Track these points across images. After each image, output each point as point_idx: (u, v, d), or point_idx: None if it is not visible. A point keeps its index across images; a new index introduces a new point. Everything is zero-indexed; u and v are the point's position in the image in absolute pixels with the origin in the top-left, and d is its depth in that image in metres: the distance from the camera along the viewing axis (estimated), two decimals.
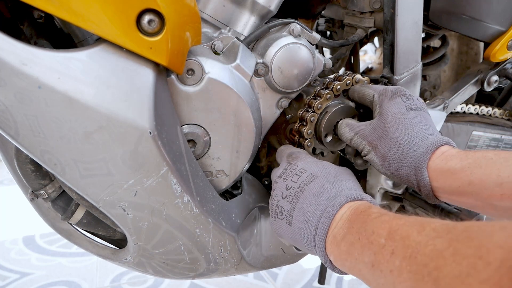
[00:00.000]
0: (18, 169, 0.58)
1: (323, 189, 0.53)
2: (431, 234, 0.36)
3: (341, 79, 0.65)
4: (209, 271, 0.63)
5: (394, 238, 0.39)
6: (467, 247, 0.32)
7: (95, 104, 0.45)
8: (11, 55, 0.42)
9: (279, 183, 0.57)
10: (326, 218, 0.49)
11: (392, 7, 0.65)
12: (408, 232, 0.38)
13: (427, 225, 0.38)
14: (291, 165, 0.58)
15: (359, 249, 0.43)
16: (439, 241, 0.34)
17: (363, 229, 0.44)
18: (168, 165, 0.51)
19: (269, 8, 0.62)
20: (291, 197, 0.54)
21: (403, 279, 0.36)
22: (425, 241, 0.36)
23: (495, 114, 0.89)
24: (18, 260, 1.58)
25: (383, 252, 0.39)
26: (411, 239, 0.37)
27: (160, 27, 0.45)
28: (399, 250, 0.38)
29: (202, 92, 0.54)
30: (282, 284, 1.43)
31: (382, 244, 0.40)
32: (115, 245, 0.67)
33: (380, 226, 0.42)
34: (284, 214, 0.55)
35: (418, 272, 0.34)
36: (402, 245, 0.38)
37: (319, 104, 0.64)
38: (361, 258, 0.42)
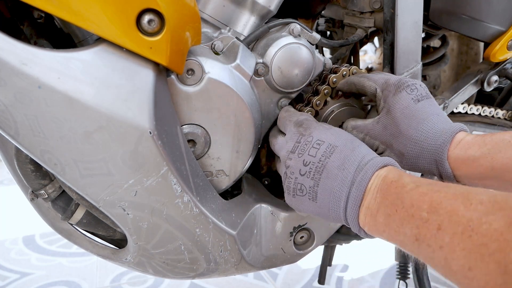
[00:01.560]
0: (18, 169, 0.58)
1: (346, 159, 0.50)
2: (480, 209, 0.35)
3: (337, 71, 0.65)
4: (209, 271, 0.63)
5: (439, 212, 0.38)
6: None
7: (95, 104, 0.45)
8: (11, 55, 0.42)
9: (294, 159, 0.53)
10: (357, 190, 0.48)
11: (392, 7, 0.65)
12: (453, 206, 0.37)
13: (473, 198, 0.37)
14: (305, 136, 0.54)
15: (398, 222, 0.42)
16: (493, 218, 0.33)
17: (399, 201, 0.42)
18: (168, 165, 0.51)
19: (269, 8, 0.62)
20: (312, 173, 0.51)
21: (456, 256, 0.35)
22: (476, 217, 0.35)
23: (497, 115, 0.89)
24: (18, 260, 1.58)
25: (428, 226, 0.38)
26: (460, 214, 0.36)
27: (160, 27, 0.45)
28: (446, 225, 0.36)
29: (202, 92, 0.54)
30: (282, 284, 1.43)
31: (425, 218, 0.39)
32: (115, 245, 0.67)
33: (419, 199, 0.41)
34: (306, 191, 0.52)
35: (476, 251, 0.33)
36: (449, 220, 0.36)
37: (318, 101, 0.64)
38: (402, 230, 0.41)
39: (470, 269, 0.33)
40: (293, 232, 0.68)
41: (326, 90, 0.64)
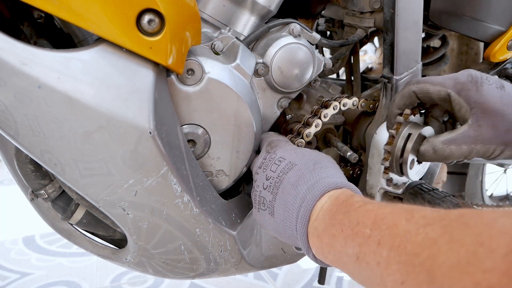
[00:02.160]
0: (18, 169, 0.58)
1: (302, 177, 0.50)
2: (421, 222, 0.34)
3: (328, 105, 0.65)
4: (209, 271, 0.63)
5: (380, 228, 0.37)
6: (465, 234, 0.29)
7: (95, 104, 0.45)
8: (11, 55, 0.42)
9: (260, 173, 0.55)
10: (305, 209, 0.47)
11: (392, 7, 0.65)
12: (396, 221, 0.36)
13: (416, 213, 0.35)
14: (270, 154, 0.56)
15: (342, 241, 0.40)
16: (431, 228, 0.32)
17: (346, 220, 0.41)
18: (168, 165, 0.51)
19: (269, 8, 0.62)
20: (271, 187, 0.52)
21: (391, 271, 0.33)
22: (415, 229, 0.33)
23: None
24: (18, 260, 1.58)
25: (368, 243, 0.37)
26: (400, 227, 0.35)
27: (160, 27, 0.45)
28: (385, 240, 0.35)
29: (202, 92, 0.54)
30: (282, 284, 1.43)
31: (368, 234, 0.37)
32: (115, 245, 0.67)
33: (364, 216, 0.40)
34: (267, 205, 0.53)
35: (409, 263, 0.32)
36: (389, 234, 0.35)
37: (308, 132, 0.64)
38: (345, 250, 0.40)
39: (403, 283, 0.32)
40: None
41: (316, 122, 0.64)
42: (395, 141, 0.61)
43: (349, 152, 0.68)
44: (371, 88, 0.84)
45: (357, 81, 0.84)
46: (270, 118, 0.65)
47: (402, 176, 0.63)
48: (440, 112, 0.63)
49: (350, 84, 0.86)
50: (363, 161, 0.75)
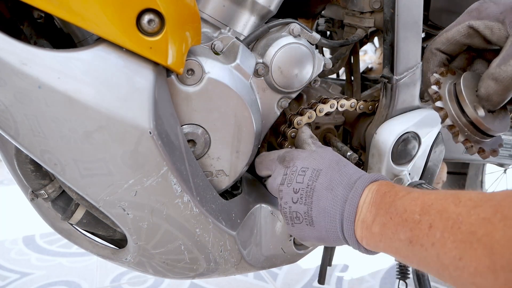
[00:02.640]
0: (18, 169, 0.58)
1: (333, 180, 0.51)
2: (469, 204, 0.36)
3: (326, 102, 0.66)
4: (209, 271, 0.63)
5: (430, 213, 0.39)
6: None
7: (95, 104, 0.45)
8: (11, 55, 0.42)
9: (284, 190, 0.55)
10: (350, 207, 0.49)
11: (392, 7, 0.65)
12: (444, 206, 0.39)
13: (462, 197, 0.38)
14: (290, 168, 0.56)
15: (393, 228, 0.43)
16: (482, 209, 0.35)
17: (393, 209, 0.44)
18: (168, 165, 0.51)
19: (269, 8, 0.62)
20: (303, 198, 0.52)
21: (447, 249, 0.36)
22: (465, 211, 0.36)
23: None
24: (18, 260, 1.58)
25: (420, 227, 0.40)
26: (450, 211, 0.37)
27: (160, 27, 0.45)
28: (437, 223, 0.38)
29: (202, 92, 0.54)
30: (282, 284, 1.43)
31: (418, 219, 0.40)
32: (115, 245, 0.67)
33: (411, 203, 0.42)
34: (302, 217, 0.53)
35: (465, 241, 0.35)
36: (440, 217, 0.38)
37: (299, 120, 0.65)
38: (397, 236, 0.42)
39: (461, 259, 0.35)
40: None
41: (309, 113, 0.65)
42: (446, 109, 0.55)
43: (349, 152, 0.69)
44: (371, 88, 0.84)
45: (357, 81, 0.84)
46: (270, 118, 0.65)
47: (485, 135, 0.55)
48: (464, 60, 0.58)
49: (350, 84, 0.86)
50: (363, 161, 0.75)
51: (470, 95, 0.54)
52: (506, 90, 0.49)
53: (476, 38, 0.53)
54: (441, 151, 0.77)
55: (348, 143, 0.79)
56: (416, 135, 0.71)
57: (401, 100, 0.70)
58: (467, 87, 0.54)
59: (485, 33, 0.51)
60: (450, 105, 0.55)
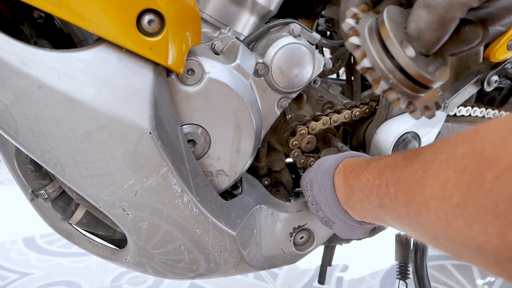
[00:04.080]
0: (18, 169, 0.58)
1: (317, 181, 0.58)
2: (413, 153, 0.39)
3: (318, 119, 0.69)
4: (209, 271, 0.63)
5: (384, 174, 0.43)
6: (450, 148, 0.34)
7: (95, 104, 0.45)
8: (11, 55, 0.42)
9: (309, 206, 0.63)
10: (331, 198, 0.55)
11: None
12: (395, 162, 0.42)
13: (410, 150, 0.41)
14: (303, 186, 0.64)
15: (367, 200, 0.47)
16: (422, 156, 0.37)
17: (360, 184, 0.48)
18: (168, 165, 0.51)
19: (269, 8, 0.62)
20: (316, 207, 0.60)
21: (399, 201, 0.39)
22: (410, 161, 0.39)
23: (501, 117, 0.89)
24: (18, 260, 1.58)
25: (381, 190, 0.43)
26: (399, 166, 0.40)
27: (160, 27, 0.45)
28: (390, 179, 0.41)
29: (202, 92, 0.54)
30: (282, 284, 1.43)
31: (378, 184, 0.43)
32: (115, 245, 0.67)
33: (371, 172, 0.46)
34: (328, 220, 0.59)
35: (407, 187, 0.37)
36: (391, 174, 0.41)
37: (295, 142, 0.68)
38: (372, 205, 0.46)
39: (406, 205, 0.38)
40: (293, 232, 0.68)
41: (303, 131, 0.68)
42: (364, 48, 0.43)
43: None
44: (371, 88, 0.84)
45: (357, 81, 0.84)
46: (270, 118, 0.65)
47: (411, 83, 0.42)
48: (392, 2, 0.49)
49: (350, 84, 0.86)
50: None
51: (397, 31, 0.41)
52: (440, 24, 0.39)
53: None
54: None
55: (348, 143, 0.79)
56: (416, 135, 0.71)
57: None
58: (393, 21, 0.42)
59: None
60: (371, 43, 0.43)
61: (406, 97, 0.43)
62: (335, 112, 0.70)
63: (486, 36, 0.41)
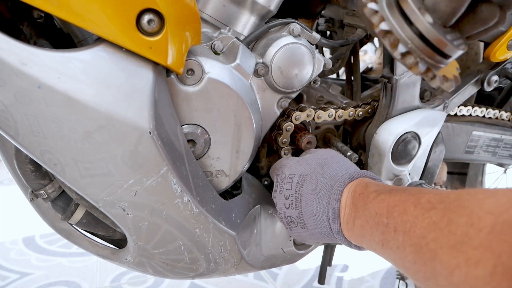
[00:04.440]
0: (18, 169, 0.58)
1: (317, 183, 0.54)
2: (426, 206, 0.37)
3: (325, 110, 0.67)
4: (209, 271, 0.63)
5: (393, 215, 0.41)
6: (460, 216, 0.33)
7: (95, 104, 0.45)
8: (11, 55, 0.42)
9: (277, 196, 0.59)
10: (333, 210, 0.51)
11: None
12: (405, 207, 0.40)
13: (422, 197, 0.39)
14: (279, 175, 0.60)
15: (369, 231, 0.45)
16: (434, 212, 0.36)
17: (367, 212, 0.46)
18: (168, 165, 0.51)
19: (269, 8, 0.62)
20: (293, 204, 0.56)
21: (406, 254, 0.38)
22: (421, 213, 0.37)
23: (501, 116, 0.89)
24: (18, 260, 1.58)
25: (388, 230, 0.41)
26: (409, 213, 0.39)
27: (160, 27, 0.45)
28: (399, 226, 0.39)
29: (202, 92, 0.54)
30: (282, 284, 1.43)
31: (386, 223, 0.42)
32: (115, 245, 0.67)
33: (379, 206, 0.44)
34: (296, 222, 0.56)
35: (417, 245, 0.36)
36: (401, 220, 0.39)
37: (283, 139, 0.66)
38: (373, 238, 0.44)
39: (415, 263, 0.36)
40: None
41: (289, 127, 0.66)
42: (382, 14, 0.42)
43: (349, 152, 0.69)
44: (371, 88, 0.84)
45: (357, 81, 0.84)
46: (270, 118, 0.65)
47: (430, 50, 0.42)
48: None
49: (350, 84, 0.86)
50: (363, 161, 0.75)
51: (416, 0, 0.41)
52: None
53: None
54: (441, 151, 0.77)
55: (348, 143, 0.79)
56: (416, 135, 0.71)
57: (401, 100, 0.70)
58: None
59: None
60: (388, 9, 0.42)
61: (425, 63, 0.42)
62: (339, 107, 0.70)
63: (503, 18, 0.40)
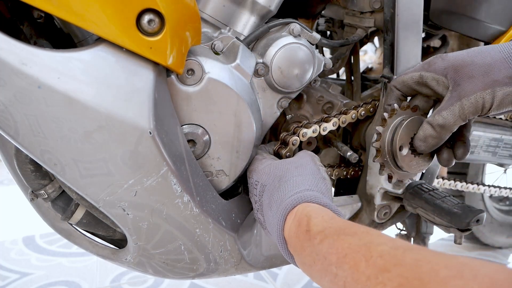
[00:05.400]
0: (18, 169, 0.58)
1: (272, 197, 0.52)
2: (378, 264, 0.35)
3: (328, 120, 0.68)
4: (209, 271, 0.63)
5: (343, 268, 0.38)
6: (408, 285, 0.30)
7: (95, 104, 0.45)
8: (11, 55, 0.42)
9: (251, 198, 0.59)
10: (278, 232, 0.49)
11: (392, 7, 0.65)
12: (356, 261, 0.37)
13: (374, 250, 0.36)
14: (250, 179, 0.60)
15: (317, 274, 0.42)
16: (387, 276, 0.33)
17: (314, 254, 0.42)
18: (168, 165, 0.51)
19: (269, 8, 0.62)
20: (259, 210, 0.56)
21: None
22: (373, 274, 0.34)
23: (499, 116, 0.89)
24: (18, 260, 1.58)
25: (337, 282, 0.38)
26: (360, 271, 0.36)
27: (160, 27, 0.45)
28: (350, 283, 0.36)
29: (202, 92, 0.54)
30: (282, 284, 1.43)
31: (335, 272, 0.39)
32: (115, 245, 0.67)
33: (328, 252, 0.41)
34: (264, 225, 0.56)
35: None
36: (352, 277, 0.36)
37: (287, 152, 0.65)
38: (322, 282, 0.41)
39: None
40: None
41: (295, 141, 0.65)
42: (382, 136, 0.64)
43: (349, 152, 0.68)
44: (371, 88, 0.84)
45: (357, 81, 0.84)
46: (270, 118, 0.65)
47: (399, 169, 0.66)
48: (424, 102, 0.65)
49: (350, 84, 0.86)
50: (363, 161, 0.75)
51: (405, 135, 0.63)
52: (439, 134, 0.58)
53: (425, 87, 0.61)
54: None
55: (348, 143, 0.79)
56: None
57: None
58: (408, 128, 0.63)
59: (432, 84, 0.59)
60: (388, 134, 0.64)
61: (389, 170, 0.66)
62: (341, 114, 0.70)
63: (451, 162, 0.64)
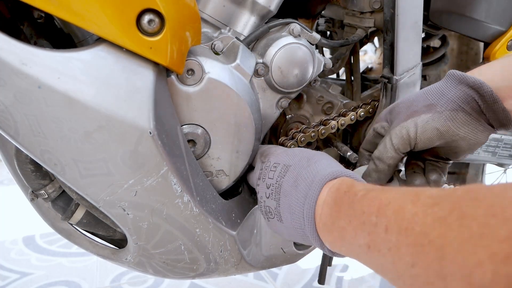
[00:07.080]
0: (18, 169, 0.58)
1: (299, 176, 0.50)
2: (428, 202, 0.32)
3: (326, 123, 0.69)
4: (209, 271, 0.63)
5: (386, 214, 0.35)
6: (475, 208, 0.28)
7: (95, 104, 0.45)
8: (11, 55, 0.42)
9: (260, 184, 0.56)
10: (309, 206, 0.47)
11: (392, 7, 0.65)
12: (401, 205, 0.34)
13: (422, 194, 0.34)
14: (265, 163, 0.57)
15: (352, 233, 0.39)
16: (439, 207, 0.30)
17: (352, 211, 0.40)
18: (168, 165, 0.51)
19: (269, 8, 0.62)
20: (273, 194, 0.53)
21: (402, 255, 0.32)
22: (422, 210, 0.32)
23: None
24: (18, 260, 1.58)
25: (377, 230, 0.35)
26: (406, 211, 0.33)
27: (160, 27, 0.45)
28: (392, 224, 0.34)
29: (202, 92, 0.54)
30: (282, 284, 1.43)
31: (374, 222, 0.36)
32: (115, 245, 0.67)
33: (369, 204, 0.38)
34: (273, 213, 0.53)
35: (417, 243, 0.30)
36: (396, 218, 0.34)
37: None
38: (356, 241, 0.39)
39: (413, 266, 0.31)
40: None
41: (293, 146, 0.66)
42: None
43: (349, 152, 0.68)
44: (371, 88, 0.84)
45: (357, 81, 0.84)
46: (270, 118, 0.65)
47: None
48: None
49: (350, 84, 0.86)
50: None
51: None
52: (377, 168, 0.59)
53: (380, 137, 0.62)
54: None
55: (348, 143, 0.79)
56: None
57: None
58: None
59: (382, 131, 0.61)
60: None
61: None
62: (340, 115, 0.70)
63: None
